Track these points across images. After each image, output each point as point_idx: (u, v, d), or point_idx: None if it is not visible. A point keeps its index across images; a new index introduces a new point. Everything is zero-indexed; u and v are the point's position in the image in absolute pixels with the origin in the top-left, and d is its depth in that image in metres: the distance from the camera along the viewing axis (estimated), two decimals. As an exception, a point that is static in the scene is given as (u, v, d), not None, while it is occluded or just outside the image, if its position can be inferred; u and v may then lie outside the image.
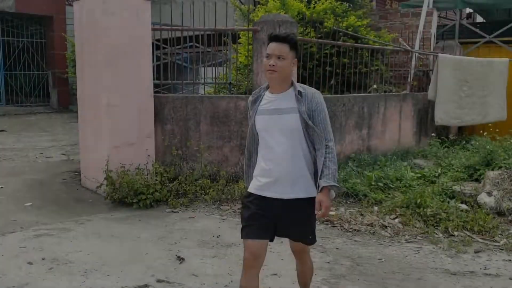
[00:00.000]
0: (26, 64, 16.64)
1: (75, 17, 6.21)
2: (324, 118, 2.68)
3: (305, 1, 8.54)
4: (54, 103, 16.53)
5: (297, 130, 2.65)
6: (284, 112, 2.65)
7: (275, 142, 2.67)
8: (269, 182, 2.70)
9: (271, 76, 2.63)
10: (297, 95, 2.66)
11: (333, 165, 2.63)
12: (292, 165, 2.66)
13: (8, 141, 9.88)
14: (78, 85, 6.38)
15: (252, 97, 2.81)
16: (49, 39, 16.37)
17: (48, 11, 15.75)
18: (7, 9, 14.97)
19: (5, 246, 4.22)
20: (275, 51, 2.61)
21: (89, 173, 6.09)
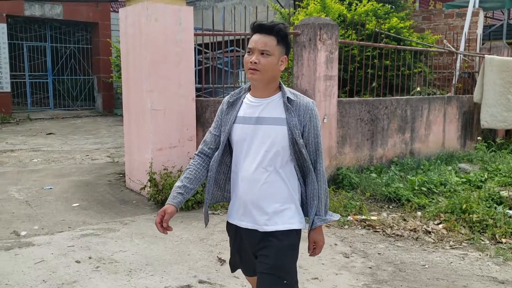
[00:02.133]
0: (73, 69, 17.27)
1: (121, 23, 6.39)
2: (318, 135, 2.20)
3: (346, 3, 8.47)
4: (99, 106, 17.05)
5: (282, 146, 2.13)
6: (268, 122, 2.13)
7: (250, 159, 2.15)
8: (243, 209, 2.22)
9: (252, 76, 2.09)
10: (287, 102, 2.14)
11: (325, 194, 2.24)
12: (271, 188, 2.16)
13: (56, 144, 10.27)
14: (123, 90, 6.56)
15: (230, 99, 2.26)
16: (95, 44, 16.91)
17: (94, 18, 16.28)
18: (56, 16, 15.59)
19: (54, 245, 4.39)
20: (258, 44, 2.08)
21: (133, 175, 6.25)
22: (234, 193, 2.24)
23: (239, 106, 2.21)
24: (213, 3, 12.96)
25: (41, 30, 16.47)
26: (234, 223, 2.27)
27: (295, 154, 2.16)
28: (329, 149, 6.33)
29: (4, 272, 3.74)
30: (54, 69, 16.90)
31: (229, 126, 2.19)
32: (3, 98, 14.52)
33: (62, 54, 17.01)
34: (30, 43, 16.40)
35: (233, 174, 2.25)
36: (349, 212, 5.40)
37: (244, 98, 2.22)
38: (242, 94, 2.25)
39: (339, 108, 6.48)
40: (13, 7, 14.33)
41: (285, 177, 2.18)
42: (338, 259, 4.19)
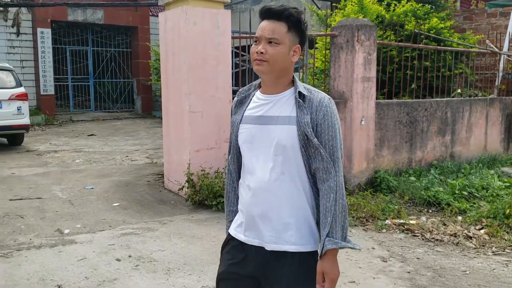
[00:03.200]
0: (113, 73, 17.71)
1: (160, 28, 6.52)
2: (334, 137, 1.80)
3: (384, 4, 8.37)
4: (138, 109, 17.43)
5: (292, 148, 1.79)
6: (277, 122, 1.82)
7: (259, 163, 1.84)
8: (248, 222, 1.88)
9: (258, 68, 1.80)
10: (298, 98, 1.81)
11: (342, 211, 1.77)
12: (282, 199, 1.81)
13: (96, 145, 10.56)
14: (162, 92, 6.69)
15: (238, 97, 1.98)
16: (134, 48, 17.30)
17: (133, 22, 16.67)
18: (97, 21, 16.04)
19: (96, 243, 4.52)
20: (264, 31, 1.78)
21: (171, 175, 6.36)
22: (240, 203, 1.94)
23: (247, 105, 1.92)
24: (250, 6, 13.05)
25: (83, 34, 16.99)
26: (237, 237, 1.92)
27: (308, 155, 1.80)
28: (366, 151, 6.26)
29: (49, 268, 3.88)
30: (95, 72, 17.39)
31: (236, 127, 1.91)
32: (47, 101, 15.05)
33: (103, 58, 17.49)
34: (73, 47, 16.94)
35: (241, 181, 1.95)
36: (387, 215, 5.32)
37: (253, 95, 1.93)
38: (251, 91, 1.95)
39: (377, 110, 6.41)
40: (57, 12, 14.85)
41: (301, 186, 1.83)
42: (375, 263, 4.14)
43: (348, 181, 6.08)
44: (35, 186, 6.69)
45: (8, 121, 9.49)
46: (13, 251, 4.26)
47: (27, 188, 6.57)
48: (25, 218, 5.22)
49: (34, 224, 5.04)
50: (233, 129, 1.94)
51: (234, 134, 1.94)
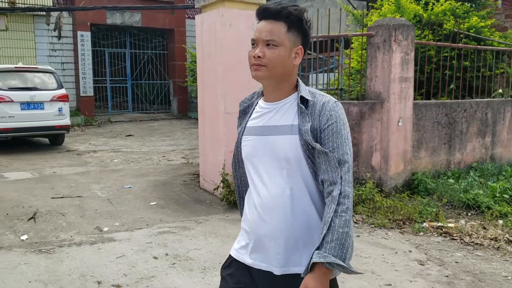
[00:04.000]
0: (150, 74, 18.05)
1: (197, 30, 6.61)
2: (340, 144, 1.61)
3: (422, 3, 8.21)
4: (174, 110, 17.70)
5: (297, 160, 1.63)
6: (279, 131, 1.66)
7: (264, 179, 1.69)
8: (254, 244, 1.72)
9: (256, 74, 1.65)
10: (300, 104, 1.65)
11: (343, 226, 1.53)
12: (291, 217, 1.64)
13: (134, 145, 10.79)
14: (198, 94, 6.78)
15: (241, 107, 1.85)
16: (171, 50, 17.58)
17: (170, 25, 16.94)
18: (135, 24, 16.39)
19: (134, 241, 4.62)
20: (262, 33, 1.63)
21: (207, 175, 6.44)
22: (245, 223, 1.77)
23: (249, 115, 1.78)
24: (284, 7, 13.06)
25: (121, 37, 17.38)
26: (241, 260, 1.75)
27: (315, 164, 1.63)
28: (404, 153, 6.16)
29: (89, 265, 4.00)
30: (133, 74, 17.76)
31: (239, 140, 1.77)
32: (87, 102, 15.48)
33: (140, 60, 17.84)
34: (111, 50, 17.35)
35: (246, 198, 1.80)
36: (425, 218, 5.22)
37: (256, 104, 1.79)
38: (254, 99, 1.81)
39: (414, 110, 6.30)
40: (96, 16, 15.26)
41: (311, 201, 1.66)
42: (412, 266, 4.07)
43: (384, 183, 6.00)
44: (75, 185, 6.89)
45: (50, 122, 9.82)
46: (55, 248, 4.41)
47: (68, 186, 6.78)
48: (66, 216, 5.39)
49: (74, 222, 5.20)
50: (236, 141, 1.79)
51: (237, 147, 1.79)
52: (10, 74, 9.83)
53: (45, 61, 14.51)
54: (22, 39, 14.60)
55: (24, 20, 14.59)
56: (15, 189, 6.58)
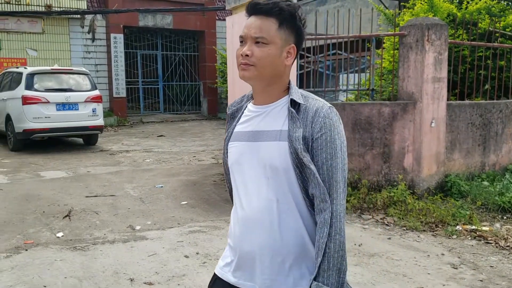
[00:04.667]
0: (181, 76, 18.27)
1: (227, 31, 6.67)
2: (334, 156, 1.47)
3: (456, 1, 8.05)
4: (204, 111, 17.86)
5: (285, 170, 1.49)
6: (267, 137, 1.52)
7: (248, 189, 1.55)
8: (238, 261, 1.57)
9: (244, 74, 1.51)
10: (290, 107, 1.51)
11: (338, 250, 1.42)
12: (277, 232, 1.50)
13: (166, 145, 10.95)
14: (228, 95, 6.84)
15: (229, 111, 1.71)
16: (201, 52, 17.76)
17: (201, 27, 17.11)
18: (166, 26, 16.62)
19: (165, 239, 4.70)
20: (251, 30, 1.50)
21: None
22: (229, 237, 1.64)
23: (237, 119, 1.65)
24: (315, 7, 13.00)
25: (153, 39, 17.66)
26: (224, 278, 1.62)
27: (303, 177, 1.48)
28: (436, 154, 6.05)
29: (122, 262, 4.09)
30: (164, 75, 18.02)
31: (226, 146, 1.64)
32: (120, 103, 15.79)
33: (172, 62, 18.08)
34: (143, 52, 17.65)
35: (232, 211, 1.65)
36: (458, 221, 5.12)
37: (245, 107, 1.65)
38: (244, 103, 1.67)
39: (448, 111, 6.18)
40: (129, 18, 15.55)
41: (299, 215, 1.51)
42: (445, 269, 4.00)
43: (417, 185, 5.91)
44: (108, 184, 7.05)
45: (84, 122, 10.06)
46: (89, 245, 4.52)
47: (102, 185, 6.94)
48: (99, 214, 5.52)
49: (108, 220, 5.31)
50: (223, 147, 1.67)
51: (224, 153, 1.66)
52: (47, 76, 10.12)
53: (79, 63, 14.88)
54: (57, 41, 15.01)
55: (60, 23, 15.00)
56: (51, 187, 6.77)
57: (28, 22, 14.53)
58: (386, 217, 5.35)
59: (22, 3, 14.14)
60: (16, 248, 4.43)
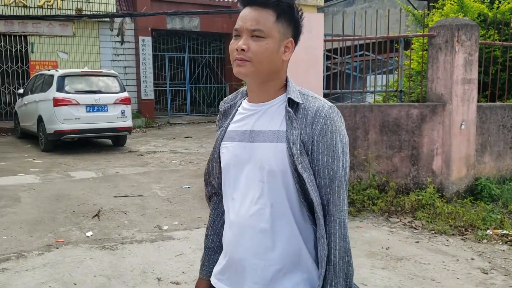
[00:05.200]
0: (208, 78, 18.41)
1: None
2: (335, 159, 1.39)
3: (487, 1, 7.88)
4: (230, 112, 17.93)
5: (282, 173, 1.39)
6: (263, 138, 1.43)
7: (241, 193, 1.45)
8: (231, 267, 1.49)
9: (239, 70, 1.40)
10: (288, 107, 1.41)
11: (343, 257, 1.38)
12: (270, 238, 1.41)
13: (192, 147, 11.04)
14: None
15: (222, 107, 1.60)
16: (228, 54, 17.84)
17: (227, 29, 17.21)
18: (193, 28, 16.78)
19: (192, 240, 4.74)
20: (247, 22, 1.39)
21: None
22: (223, 242, 1.55)
23: (231, 117, 1.54)
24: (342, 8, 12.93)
25: (181, 41, 17.86)
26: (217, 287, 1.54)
27: (300, 181, 1.38)
28: (466, 157, 5.93)
29: (149, 262, 4.14)
30: (191, 77, 18.19)
31: (218, 146, 1.53)
32: (148, 105, 16.02)
33: (199, 64, 18.25)
34: (171, 54, 17.86)
35: (225, 214, 1.54)
36: (488, 225, 5.00)
37: (239, 105, 1.55)
38: (238, 99, 1.57)
39: (478, 113, 6.05)
40: (157, 21, 15.77)
41: (294, 221, 1.41)
42: (475, 274, 3.92)
43: (446, 188, 5.81)
44: (136, 184, 7.15)
45: (113, 124, 10.23)
46: (118, 244, 4.60)
47: (130, 186, 7.05)
48: (128, 214, 5.61)
49: (136, 220, 5.39)
50: (214, 147, 1.55)
51: (213, 153, 1.55)
52: (77, 78, 10.34)
53: (108, 66, 15.16)
54: (87, 44, 15.33)
55: (90, 27, 15.31)
56: (81, 187, 6.92)
57: (60, 25, 14.88)
58: (414, 220, 5.27)
59: (54, 7, 14.51)
60: (48, 246, 4.54)
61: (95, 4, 15.01)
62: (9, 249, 4.46)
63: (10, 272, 3.90)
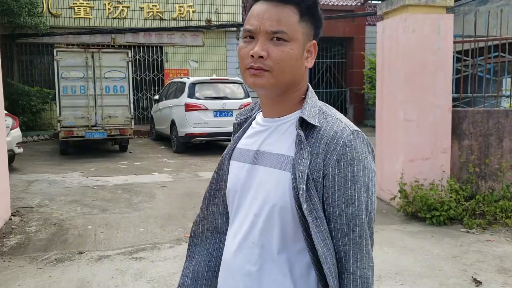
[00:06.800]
0: (328, 83, 18.40)
1: (378, 37, 6.58)
2: (357, 200, 1.10)
3: None
4: (350, 117, 17.71)
5: (281, 209, 1.13)
6: (267, 162, 1.18)
7: (236, 226, 1.24)
8: None
9: (256, 81, 1.15)
10: (298, 128, 1.14)
11: None
12: (256, 286, 1.17)
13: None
14: (377, 101, 6.73)
15: (237, 119, 1.36)
16: (349, 58, 17.69)
17: (349, 33, 17.05)
18: (316, 34, 16.87)
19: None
20: (265, 22, 1.12)
21: (383, 184, 6.34)
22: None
23: (243, 131, 1.31)
24: (474, 8, 12.10)
25: (302, 47, 18.08)
26: None
27: (306, 224, 1.10)
28: None
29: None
30: (311, 83, 18.30)
31: (225, 165, 1.30)
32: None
33: (319, 69, 18.32)
34: (293, 60, 18.16)
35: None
36: None
37: (254, 118, 1.31)
38: (255, 111, 1.33)
39: None
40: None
41: (289, 272, 1.14)
42: None
43: None
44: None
45: (237, 128, 10.71)
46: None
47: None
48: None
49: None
50: (218, 164, 1.33)
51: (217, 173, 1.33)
52: (206, 85, 11.05)
53: (234, 73, 15.90)
54: (215, 53, 16.24)
55: (218, 36, 16.20)
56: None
57: (191, 36, 15.97)
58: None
59: (186, 19, 15.63)
60: (178, 240, 4.93)
61: (223, 15, 15.86)
62: (145, 240, 4.93)
63: (145, 261, 4.32)
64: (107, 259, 4.38)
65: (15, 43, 14.24)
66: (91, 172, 8.69)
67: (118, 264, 4.24)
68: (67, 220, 5.62)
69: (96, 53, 10.50)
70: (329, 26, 16.66)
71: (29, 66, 14.97)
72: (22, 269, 4.16)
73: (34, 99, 13.34)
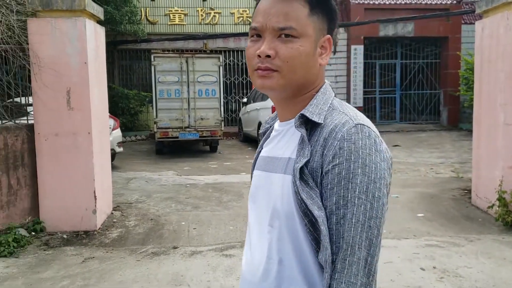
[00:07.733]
0: (420, 84, 17.73)
1: (476, 36, 6.26)
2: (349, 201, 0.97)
3: None
4: (443, 120, 16.93)
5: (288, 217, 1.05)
6: (275, 167, 1.12)
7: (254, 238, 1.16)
8: None
9: (264, 83, 1.07)
10: (299, 128, 1.06)
11: None
12: None
13: (401, 155, 10.81)
14: (474, 103, 6.40)
15: (262, 128, 1.31)
16: (443, 59, 16.90)
17: (444, 32, 16.30)
18: (407, 34, 16.37)
19: (400, 249, 4.70)
20: (271, 18, 1.05)
21: (480, 192, 6.02)
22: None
23: (265, 140, 1.25)
24: None
25: (392, 48, 17.57)
26: None
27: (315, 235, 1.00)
28: None
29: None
30: (402, 84, 17.73)
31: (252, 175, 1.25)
32: (357, 112, 16.20)
33: (411, 70, 17.68)
34: (382, 61, 17.72)
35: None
36: None
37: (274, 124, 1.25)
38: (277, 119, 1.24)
39: None
40: (370, 29, 15.86)
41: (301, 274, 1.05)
42: None
43: None
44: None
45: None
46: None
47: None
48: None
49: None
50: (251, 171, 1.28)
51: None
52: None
53: (321, 75, 15.85)
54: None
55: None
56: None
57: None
58: None
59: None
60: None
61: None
62: (234, 238, 5.10)
63: (235, 258, 4.47)
64: (200, 254, 4.60)
65: (116, 49, 15.30)
66: (184, 171, 9.13)
67: (210, 260, 4.43)
68: (163, 216, 5.96)
69: (190, 58, 11.00)
70: (421, 26, 16.06)
71: (128, 71, 16.03)
72: (123, 260, 4.49)
73: (132, 102, 14.25)
